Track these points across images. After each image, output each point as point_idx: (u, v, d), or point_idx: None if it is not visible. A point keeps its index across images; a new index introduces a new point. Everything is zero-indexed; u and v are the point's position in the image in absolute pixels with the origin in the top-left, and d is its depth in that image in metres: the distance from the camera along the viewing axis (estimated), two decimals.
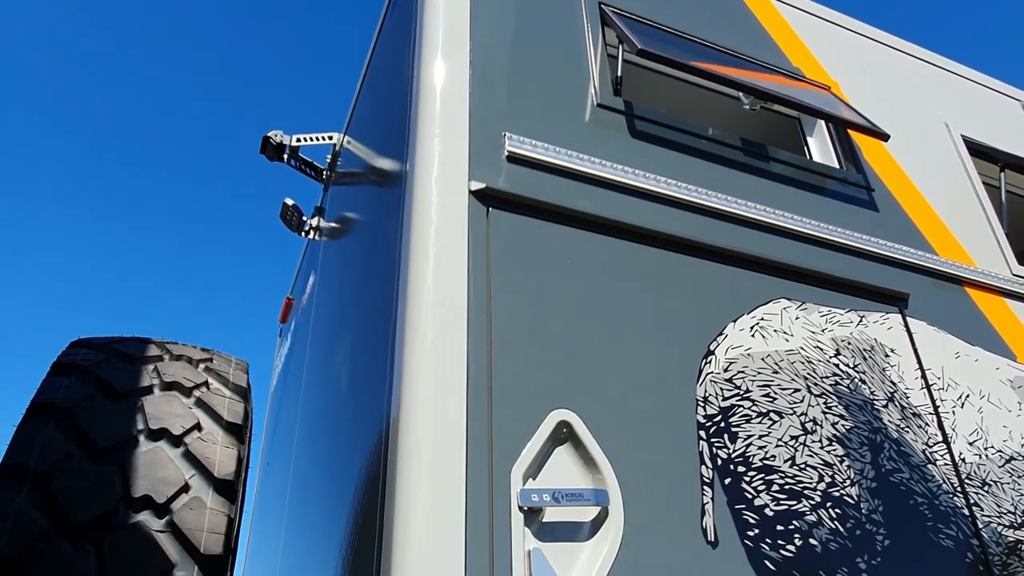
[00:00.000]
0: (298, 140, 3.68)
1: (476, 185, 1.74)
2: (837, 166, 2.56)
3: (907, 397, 2.02)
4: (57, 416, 1.55)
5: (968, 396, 2.15)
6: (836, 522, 1.68)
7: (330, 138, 3.66)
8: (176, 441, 1.59)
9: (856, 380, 1.97)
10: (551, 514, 1.43)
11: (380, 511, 1.43)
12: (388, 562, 1.32)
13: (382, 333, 1.73)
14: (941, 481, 1.90)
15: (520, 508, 1.40)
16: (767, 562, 1.56)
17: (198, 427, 1.64)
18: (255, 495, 4.31)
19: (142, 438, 1.56)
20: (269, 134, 3.58)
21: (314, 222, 3.88)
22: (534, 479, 1.46)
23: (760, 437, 1.72)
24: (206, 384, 1.77)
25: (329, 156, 3.79)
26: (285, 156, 3.65)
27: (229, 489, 1.57)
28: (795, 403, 1.82)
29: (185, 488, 1.52)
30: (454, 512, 1.35)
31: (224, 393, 1.77)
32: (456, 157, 1.78)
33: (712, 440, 1.67)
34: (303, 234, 3.97)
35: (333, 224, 3.35)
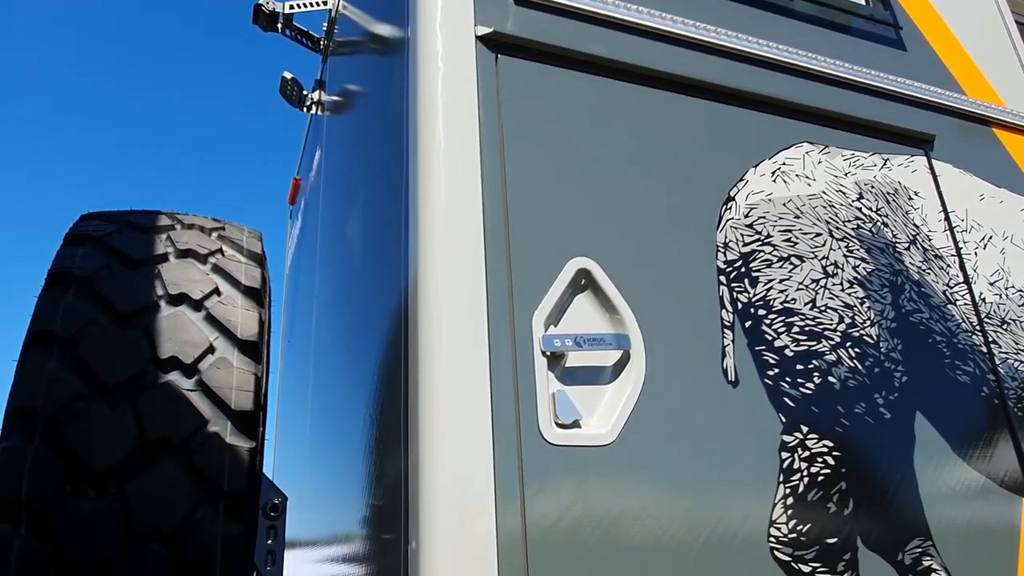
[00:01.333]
0: (291, 7, 3.50)
1: (483, 30, 1.65)
2: (863, 2, 2.41)
3: (929, 239, 1.99)
4: (76, 284, 1.56)
5: (991, 237, 2.11)
6: (855, 361, 1.70)
7: (325, 3, 3.47)
8: (197, 305, 1.60)
9: (878, 223, 1.93)
10: (573, 359, 1.45)
11: (404, 367, 1.45)
12: (415, 413, 1.34)
13: (394, 193, 1.69)
14: (960, 320, 1.90)
15: (543, 353, 1.41)
16: (787, 399, 1.58)
17: (217, 292, 1.64)
18: (280, 373, 4.43)
19: (163, 303, 1.57)
20: (260, 1, 3.40)
21: (315, 96, 3.75)
22: (555, 326, 1.46)
23: (781, 281, 1.71)
24: (220, 251, 1.76)
25: (325, 24, 3.61)
26: (279, 25, 3.49)
27: (253, 350, 1.59)
28: (816, 247, 1.80)
29: (210, 349, 1.54)
30: (478, 360, 1.36)
31: (239, 259, 1.76)
32: (461, 1, 1.68)
33: (732, 285, 1.66)
34: (304, 109, 3.85)
35: (335, 97, 3.24)
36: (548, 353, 1.41)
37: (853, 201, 1.93)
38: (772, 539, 1.44)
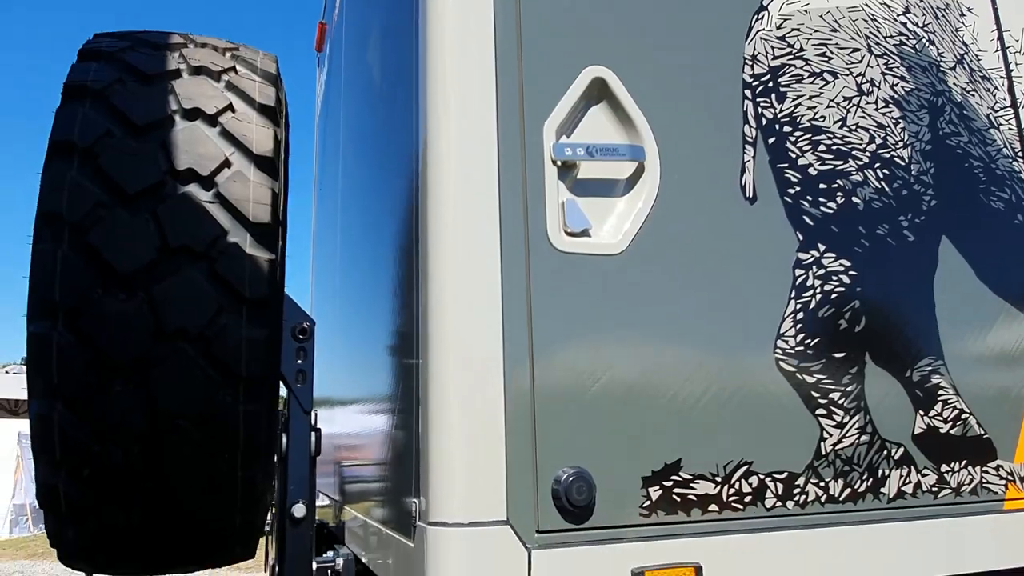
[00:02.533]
0: None
1: None
2: None
3: (978, 59, 1.86)
4: (92, 97, 1.56)
5: None
6: (882, 182, 1.64)
7: None
8: (211, 120, 1.59)
9: (923, 40, 1.80)
10: (586, 169, 1.43)
11: (416, 180, 1.44)
12: (425, 219, 1.35)
13: (405, 10, 1.62)
14: (1002, 146, 1.81)
15: (554, 162, 1.39)
16: (806, 218, 1.55)
17: (231, 108, 1.63)
18: (314, 221, 4.50)
19: (177, 117, 1.57)
20: None
21: None
22: (568, 136, 1.43)
23: (811, 97, 1.63)
24: (234, 69, 1.73)
25: None
26: None
27: (270, 165, 1.60)
28: (853, 63, 1.69)
29: (227, 163, 1.56)
30: (487, 168, 1.35)
31: (253, 78, 1.74)
32: None
33: (758, 99, 1.58)
34: None
35: None
36: (559, 162, 1.39)
37: (898, 16, 1.79)
38: (778, 351, 1.46)
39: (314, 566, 1.95)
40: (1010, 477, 1.58)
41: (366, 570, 1.92)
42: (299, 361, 1.96)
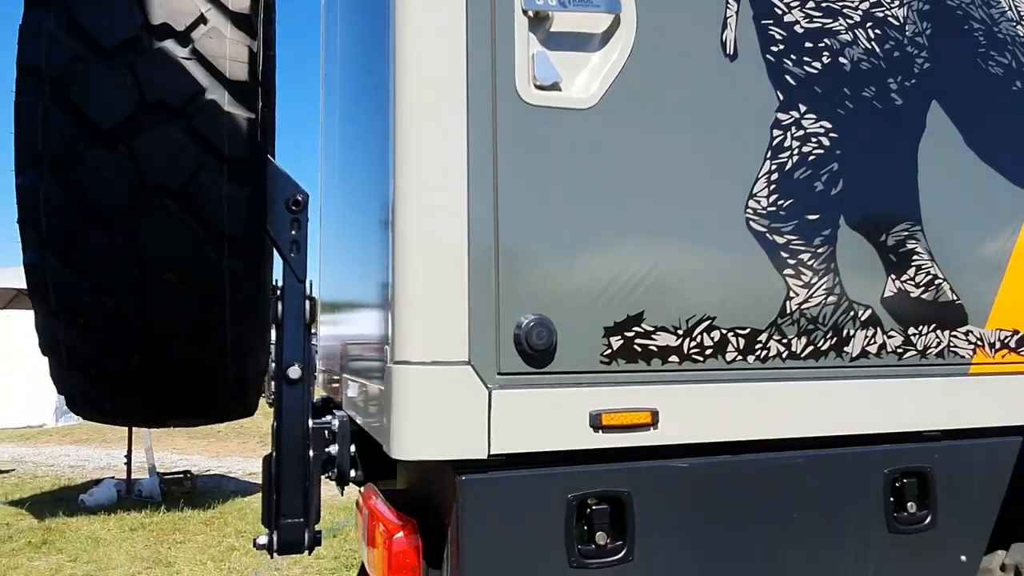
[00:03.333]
0: None
1: None
2: None
3: None
4: None
5: None
6: (873, 43, 1.59)
7: None
8: None
9: None
10: (559, 21, 1.39)
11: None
12: (395, 66, 1.34)
13: None
14: (1007, 8, 1.73)
15: (525, 12, 1.36)
16: (788, 77, 1.52)
17: None
18: (322, 121, 4.46)
19: None
20: None
21: None
22: None
23: None
24: None
25: None
26: None
27: (247, 23, 1.59)
28: None
29: (202, 19, 1.55)
30: (454, 17, 1.32)
31: None
32: None
33: None
34: None
35: None
36: (531, 13, 1.36)
37: None
38: (749, 211, 1.46)
39: (311, 425, 2.06)
40: (979, 342, 1.60)
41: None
42: (293, 232, 2.01)
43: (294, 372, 2.01)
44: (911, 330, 1.54)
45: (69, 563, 6.97)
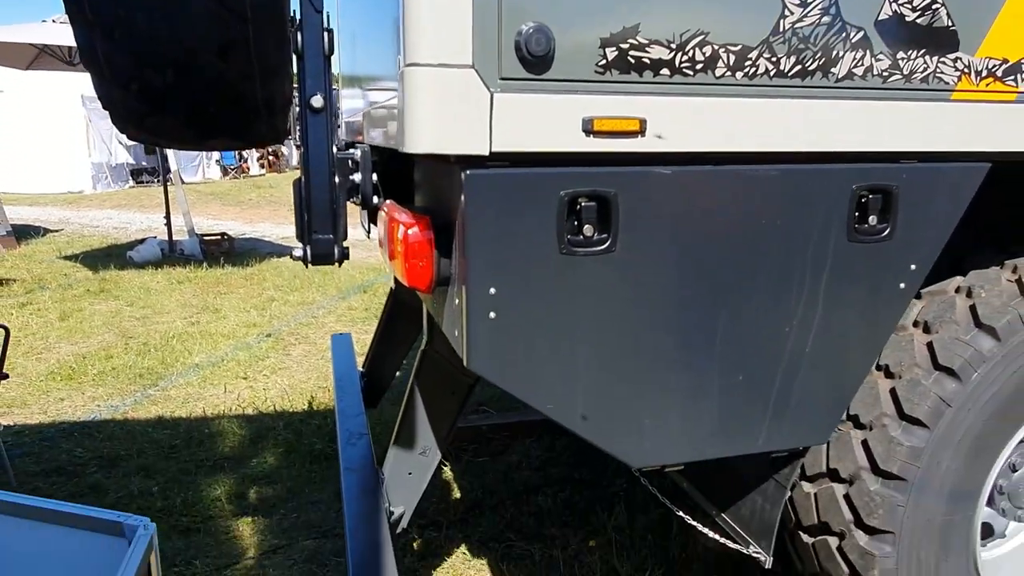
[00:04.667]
0: None
1: None
2: None
3: None
4: None
5: None
6: None
7: None
8: None
9: None
10: None
11: None
12: None
13: None
14: None
15: None
16: None
17: None
18: None
19: None
20: None
21: None
22: None
23: None
24: None
25: None
26: None
27: None
28: None
29: None
30: None
31: None
32: None
33: None
34: None
35: None
36: None
37: None
38: None
39: (335, 154, 2.23)
40: (966, 70, 1.66)
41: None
42: None
43: (317, 101, 2.14)
44: (900, 54, 1.60)
45: (127, 307, 7.68)
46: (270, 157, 24.84)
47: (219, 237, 10.34)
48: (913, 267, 1.73)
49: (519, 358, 1.52)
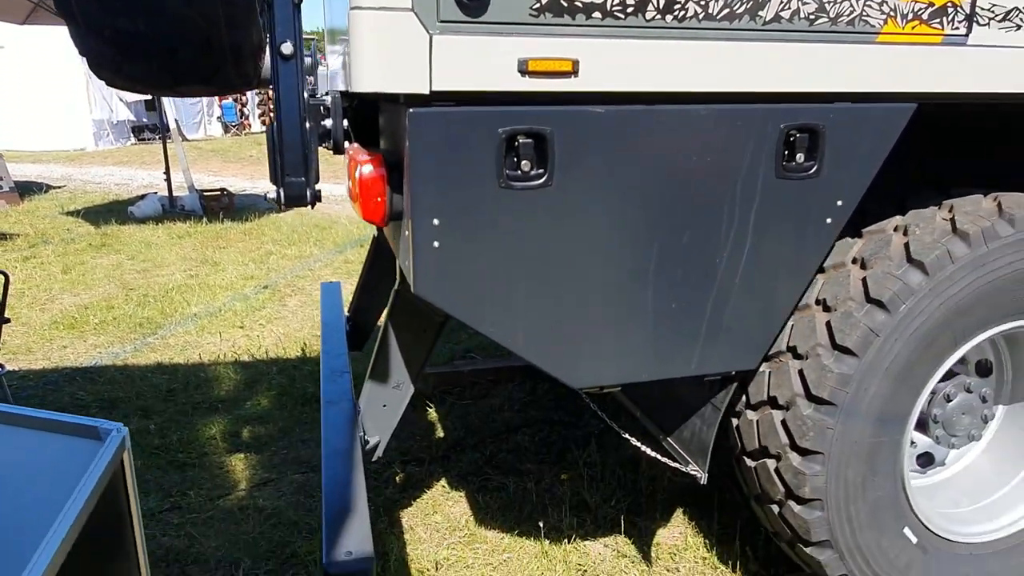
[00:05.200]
0: None
1: None
2: None
3: None
4: None
5: None
6: None
7: None
8: None
9: None
10: None
11: None
12: None
13: None
14: None
15: None
16: None
17: None
18: None
19: None
20: None
21: None
22: None
23: None
24: None
25: None
26: None
27: None
28: None
29: None
30: None
31: None
32: None
33: None
34: None
35: None
36: None
37: None
38: None
39: (306, 99, 2.33)
40: (892, 12, 1.74)
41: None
42: None
43: (287, 48, 2.23)
44: None
45: (128, 261, 7.84)
46: (271, 114, 24.74)
47: (219, 193, 10.45)
48: (840, 203, 1.84)
49: (462, 285, 1.65)
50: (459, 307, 1.66)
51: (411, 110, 1.53)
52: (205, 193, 10.40)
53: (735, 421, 2.31)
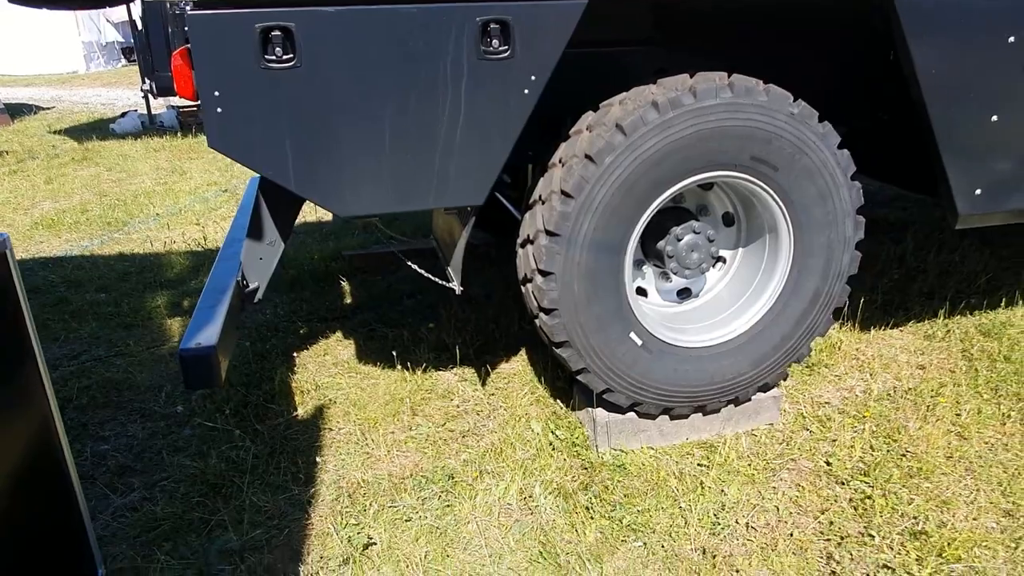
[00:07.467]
0: None
1: None
2: None
3: None
4: None
5: None
6: None
7: None
8: None
9: None
10: None
11: None
12: None
13: None
14: None
15: None
16: None
17: None
18: None
19: None
20: None
21: None
22: None
23: None
24: None
25: None
26: None
27: None
28: None
29: None
30: None
31: None
32: None
33: None
34: None
35: None
36: None
37: None
38: None
39: (168, 10, 2.96)
40: None
41: None
42: None
43: None
44: None
45: (106, 172, 8.54)
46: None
47: (195, 108, 11.01)
48: (533, 78, 2.48)
49: (241, 139, 2.33)
50: (243, 155, 2.35)
51: (190, 12, 2.18)
52: (182, 110, 10.98)
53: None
